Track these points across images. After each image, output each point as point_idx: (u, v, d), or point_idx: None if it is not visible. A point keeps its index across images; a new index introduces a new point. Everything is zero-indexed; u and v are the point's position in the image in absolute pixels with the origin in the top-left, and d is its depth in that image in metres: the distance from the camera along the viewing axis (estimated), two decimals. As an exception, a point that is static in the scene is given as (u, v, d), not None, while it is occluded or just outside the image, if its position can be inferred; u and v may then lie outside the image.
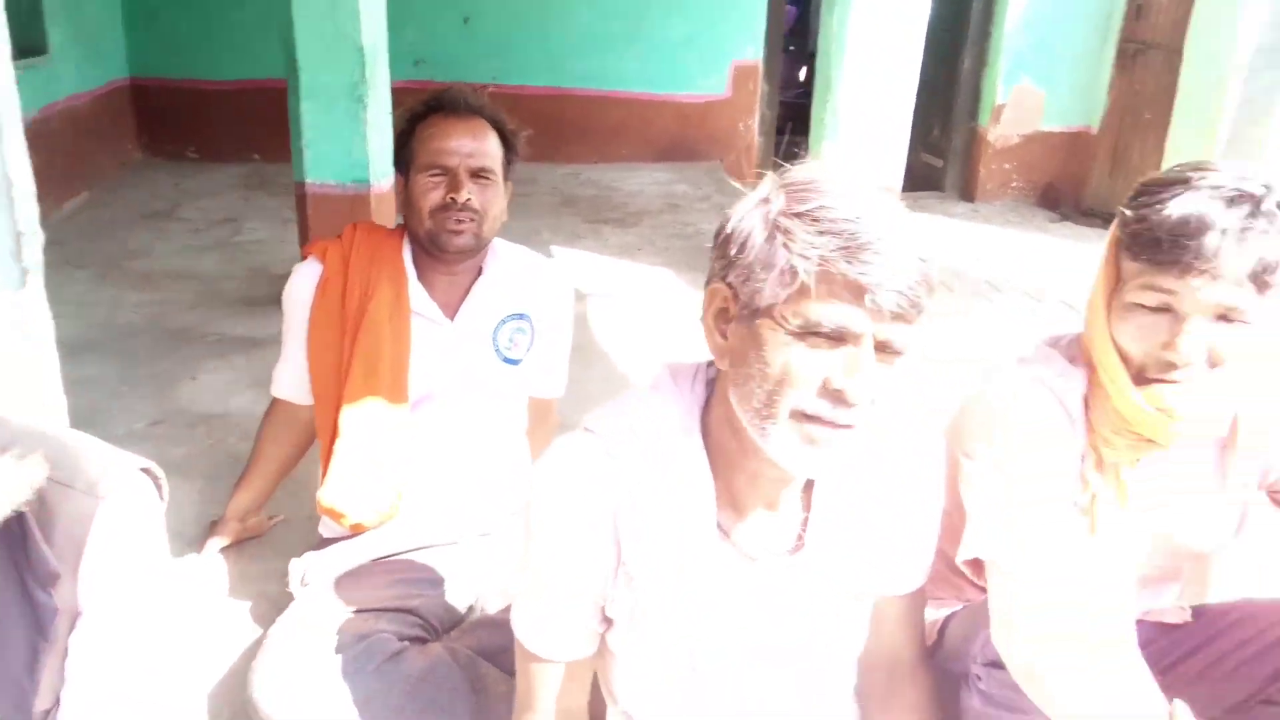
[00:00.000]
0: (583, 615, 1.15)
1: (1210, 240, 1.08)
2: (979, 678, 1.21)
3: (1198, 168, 1.15)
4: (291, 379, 1.92)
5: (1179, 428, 1.20)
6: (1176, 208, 1.11)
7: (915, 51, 3.85)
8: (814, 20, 8.63)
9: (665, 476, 1.08)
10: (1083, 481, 1.29)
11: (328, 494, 1.75)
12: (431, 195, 1.74)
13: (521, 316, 1.89)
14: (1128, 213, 1.18)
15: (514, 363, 1.88)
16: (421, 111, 1.79)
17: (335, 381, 1.79)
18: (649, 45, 6.99)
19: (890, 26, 3.67)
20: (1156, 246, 1.13)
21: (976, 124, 7.28)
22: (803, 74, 8.80)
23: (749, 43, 7.15)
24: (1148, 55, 6.11)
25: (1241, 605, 1.41)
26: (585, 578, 1.12)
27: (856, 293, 0.93)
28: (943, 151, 7.64)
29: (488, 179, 1.77)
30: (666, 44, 7.01)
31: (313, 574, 1.77)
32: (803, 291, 0.94)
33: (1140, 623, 1.46)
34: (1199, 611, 1.45)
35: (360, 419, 1.75)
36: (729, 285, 1.00)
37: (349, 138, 3.34)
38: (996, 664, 1.19)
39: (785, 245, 0.95)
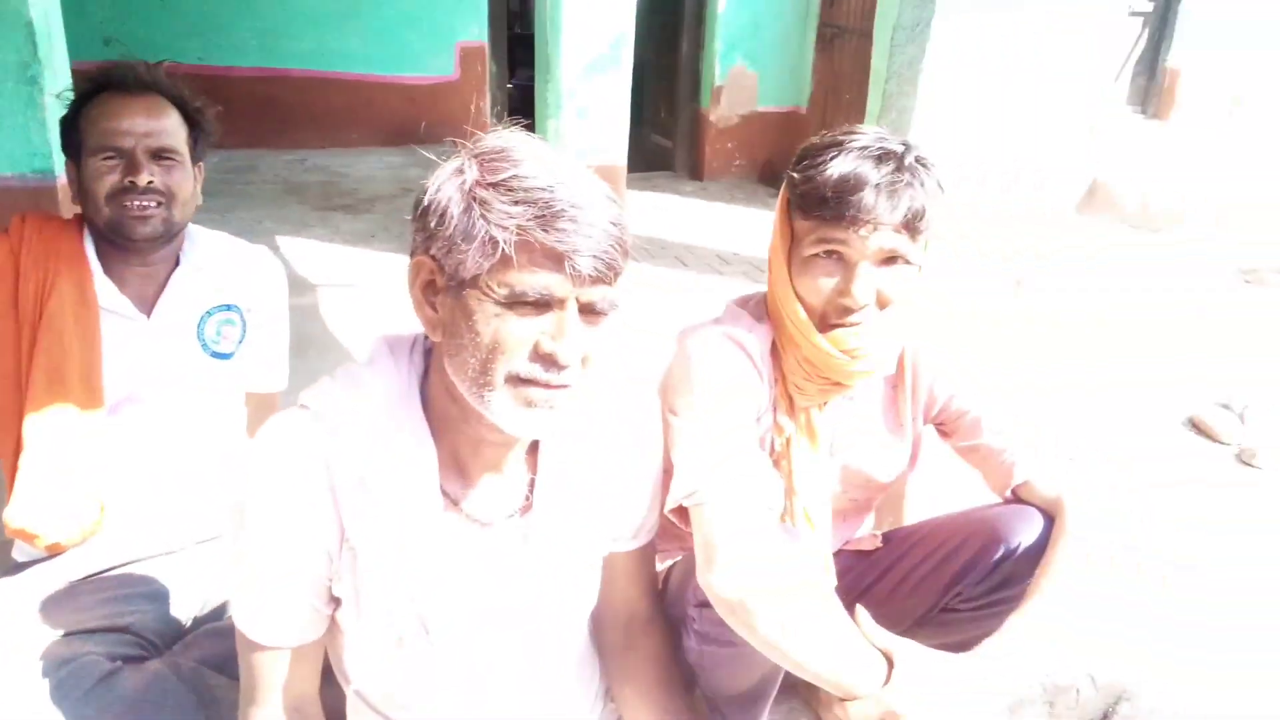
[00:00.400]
0: (306, 597, 1.13)
1: (867, 195, 1.23)
2: (694, 619, 1.30)
3: (846, 132, 1.30)
4: None
5: (859, 367, 1.35)
6: (835, 168, 1.25)
7: (627, 30, 3.99)
8: (538, 2, 8.69)
9: (386, 449, 1.08)
10: (776, 427, 1.42)
11: (15, 513, 1.57)
12: (107, 179, 1.59)
13: (229, 308, 1.79)
14: (795, 176, 1.31)
15: (224, 357, 1.78)
16: (88, 90, 1.63)
17: (14, 388, 1.62)
18: (368, 24, 6.79)
19: (602, 6, 3.78)
20: (824, 203, 1.26)
21: (698, 105, 7.61)
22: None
23: (473, 24, 7.10)
24: (843, 39, 6.64)
25: (923, 526, 1.59)
26: (304, 559, 1.10)
27: (556, 259, 0.97)
28: (670, 132, 7.94)
29: (172, 159, 1.64)
30: (387, 23, 6.82)
31: (7, 602, 1.61)
32: (505, 261, 0.97)
33: (840, 553, 1.63)
34: (889, 537, 1.63)
35: (47, 427, 1.59)
36: (433, 258, 1.01)
37: (24, 124, 2.99)
38: (706, 604, 1.29)
39: (483, 216, 0.97)
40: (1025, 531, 1.36)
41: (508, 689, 1.24)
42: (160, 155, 1.63)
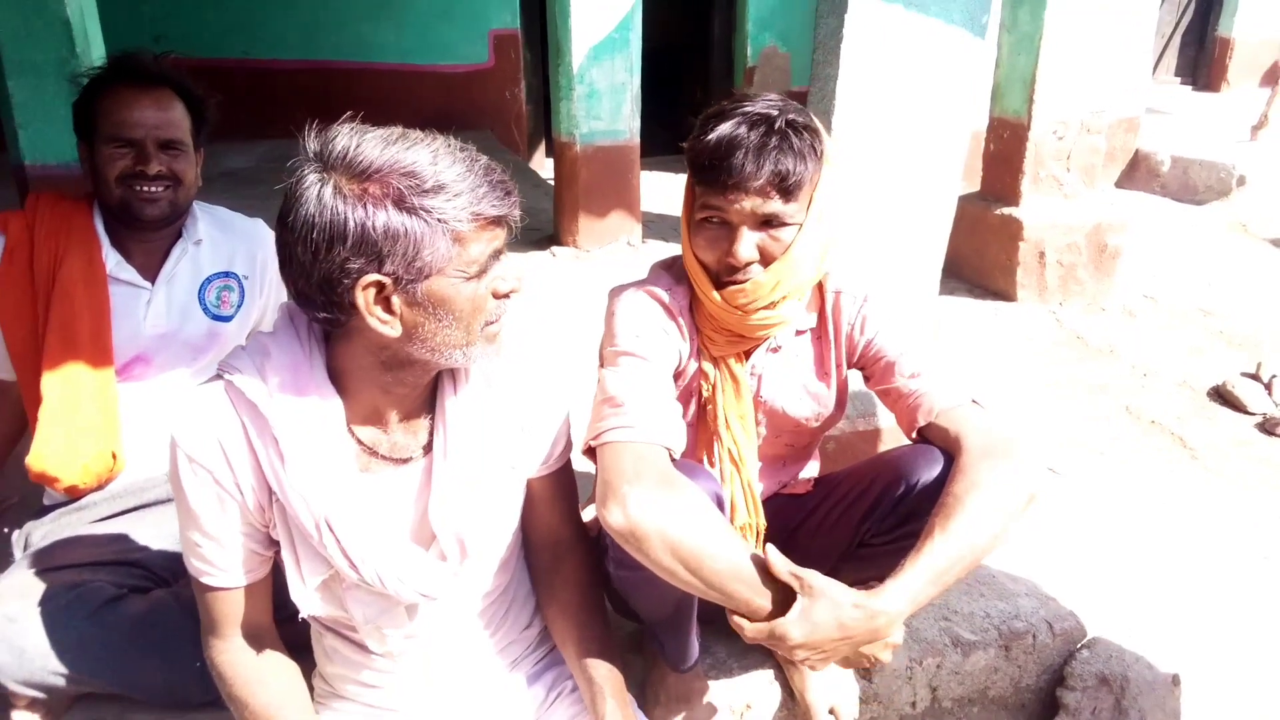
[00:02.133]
0: (246, 545, 1.27)
1: (737, 159, 1.33)
2: (609, 546, 1.41)
3: (738, 99, 1.40)
4: None
5: (761, 320, 1.45)
6: (713, 134, 1.35)
7: (634, 12, 4.08)
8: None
9: (296, 407, 1.19)
10: (703, 374, 1.53)
11: (36, 458, 1.74)
12: (118, 165, 1.76)
13: (228, 275, 1.95)
14: (685, 143, 1.42)
15: (225, 319, 1.94)
16: (101, 78, 1.78)
17: (33, 352, 1.79)
18: (404, 15, 6.95)
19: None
20: (704, 169, 1.37)
21: (732, 86, 7.63)
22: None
23: (506, 11, 7.22)
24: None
25: (846, 469, 1.69)
26: (236, 514, 1.24)
27: (498, 220, 1.13)
28: (705, 113, 7.96)
29: (177, 149, 1.80)
30: (421, 14, 6.98)
31: (34, 538, 1.79)
32: (463, 243, 1.11)
33: (776, 496, 1.73)
34: (820, 481, 1.73)
35: (62, 384, 1.76)
36: (388, 274, 1.10)
37: (65, 117, 3.20)
38: None
39: (439, 220, 1.08)
40: (925, 469, 1.44)
41: (445, 609, 1.37)
42: (167, 146, 1.79)
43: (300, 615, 1.30)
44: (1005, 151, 4.76)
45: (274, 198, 1.14)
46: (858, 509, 1.55)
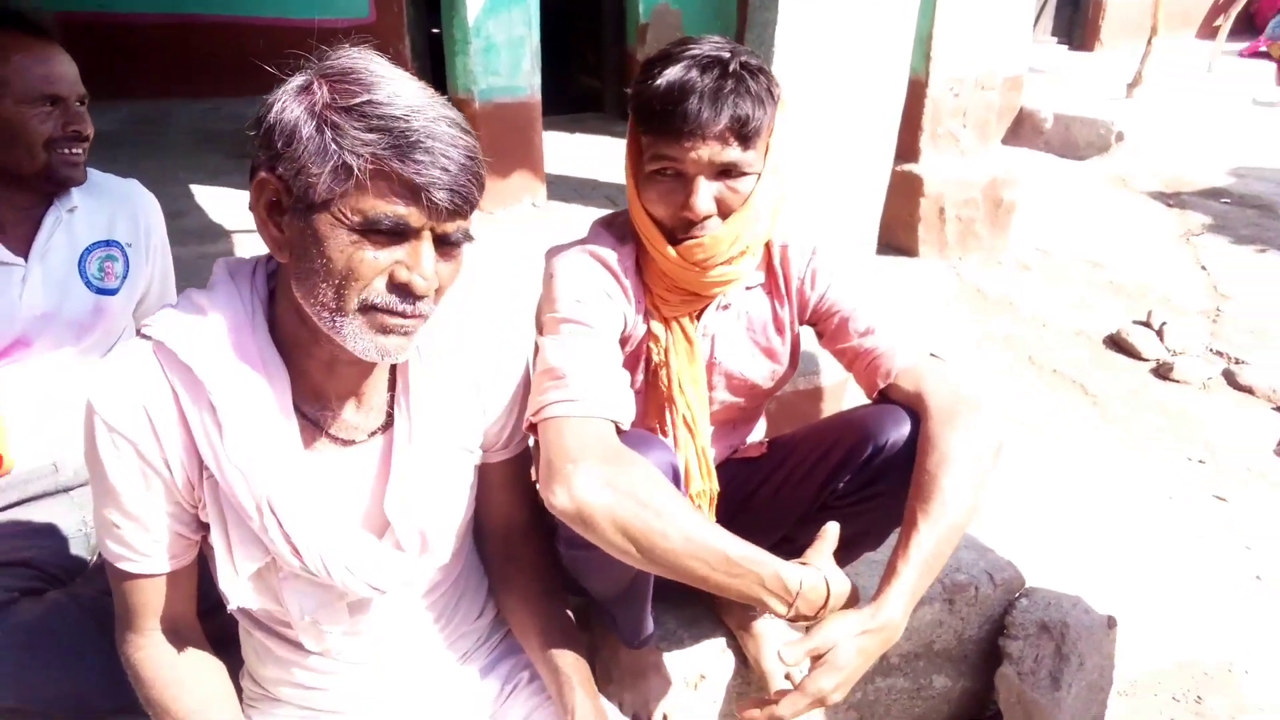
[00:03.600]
0: (170, 527, 1.13)
1: (691, 104, 1.23)
2: (557, 526, 1.32)
3: (683, 42, 1.30)
4: None
5: (719, 276, 1.37)
6: (663, 79, 1.25)
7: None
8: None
9: (235, 375, 1.06)
10: (652, 337, 1.44)
11: None
12: (45, 126, 1.59)
13: (110, 243, 1.75)
14: (630, 90, 1.31)
15: (110, 292, 1.75)
16: None
17: None
18: (278, -34, 6.56)
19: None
20: (654, 117, 1.27)
21: (625, 44, 7.52)
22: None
23: (388, -37, 6.91)
24: (765, -28, 6.58)
25: (802, 431, 1.63)
26: (161, 492, 1.10)
27: (413, 191, 0.96)
28: (599, 73, 7.86)
29: (85, 105, 1.66)
30: (297, -36, 6.60)
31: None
32: (359, 188, 0.95)
33: (729, 460, 1.67)
34: (774, 444, 1.66)
35: None
36: (279, 177, 0.98)
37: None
38: None
39: (336, 140, 0.95)
40: (892, 430, 1.39)
41: (391, 602, 1.26)
42: (81, 101, 1.65)
43: (229, 608, 1.17)
44: (905, 109, 4.79)
45: (146, 160, 1.01)
46: (820, 470, 1.50)
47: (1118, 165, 6.26)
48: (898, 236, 4.87)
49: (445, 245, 1.03)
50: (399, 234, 0.99)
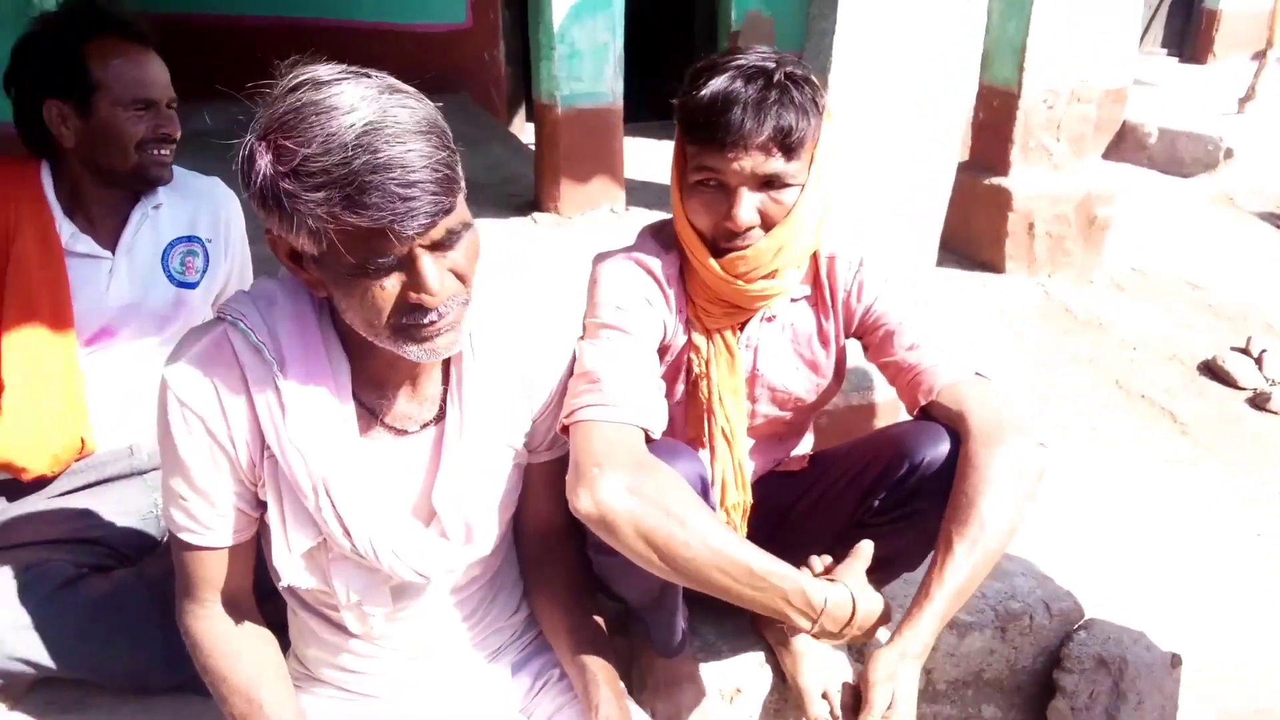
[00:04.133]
0: (232, 502, 1.18)
1: (735, 115, 1.23)
2: (587, 532, 1.32)
3: (729, 53, 1.30)
4: None
5: (761, 289, 1.37)
6: (707, 89, 1.25)
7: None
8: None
9: (303, 361, 1.12)
10: (694, 348, 1.45)
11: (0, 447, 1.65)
12: (140, 128, 1.69)
13: (191, 239, 1.84)
14: (676, 100, 1.32)
15: (190, 286, 1.84)
16: (85, 28, 1.65)
17: None
18: (381, -28, 6.75)
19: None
20: (697, 127, 1.27)
21: (715, 49, 7.48)
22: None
23: (486, -31, 7.04)
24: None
25: (844, 446, 1.61)
26: (226, 467, 1.15)
27: (378, 232, 0.96)
28: (688, 79, 7.84)
29: (173, 109, 1.75)
30: (399, -29, 6.78)
31: (-10, 516, 1.70)
32: (334, 245, 0.97)
33: (770, 474, 1.66)
34: (815, 459, 1.65)
35: (25, 369, 1.66)
36: (282, 236, 1.02)
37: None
38: None
39: (295, 210, 0.96)
40: (930, 448, 1.37)
41: (432, 592, 1.30)
42: (171, 105, 1.74)
43: (282, 585, 1.22)
44: (994, 120, 4.69)
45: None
46: (857, 487, 1.48)
47: (1225, 183, 5.99)
48: (983, 252, 4.76)
49: (443, 246, 1.03)
50: (391, 265, 1.01)
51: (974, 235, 4.79)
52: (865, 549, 1.31)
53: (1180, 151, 6.56)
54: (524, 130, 7.36)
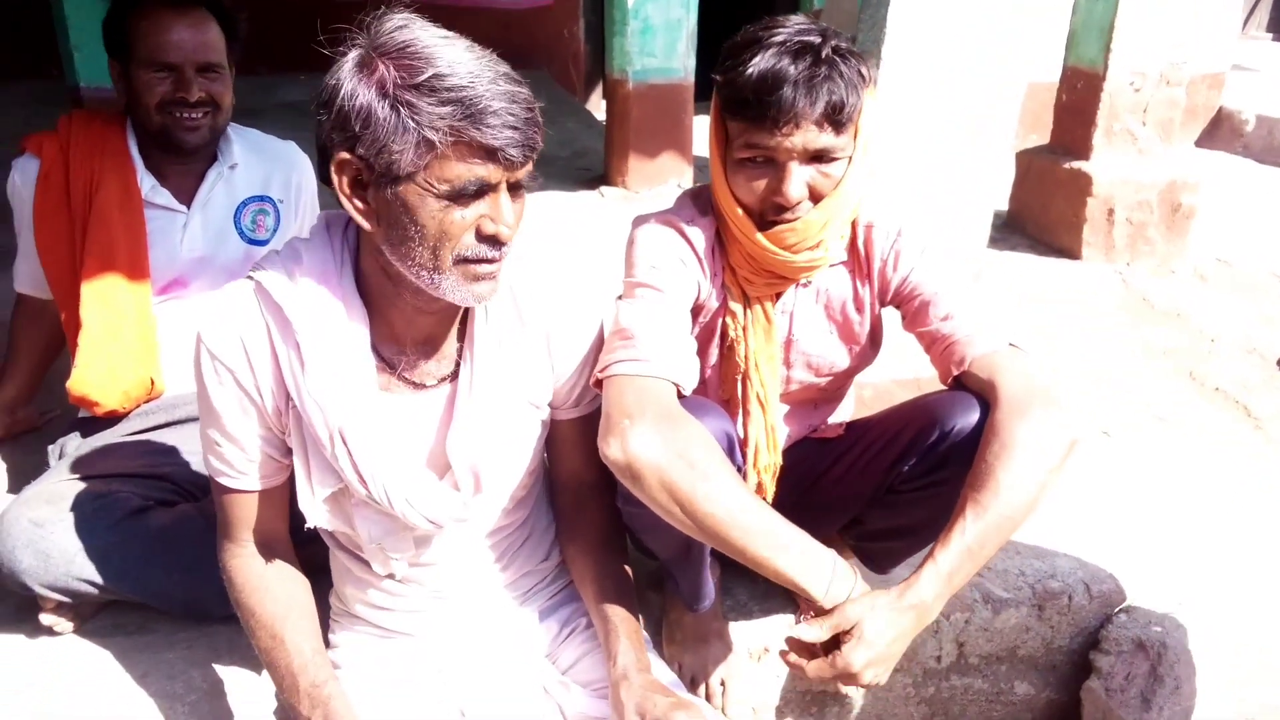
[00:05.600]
0: (263, 450, 1.26)
1: (786, 93, 1.25)
2: (618, 483, 1.36)
3: (768, 25, 1.31)
4: (30, 273, 1.93)
5: (808, 260, 1.39)
6: (754, 67, 1.27)
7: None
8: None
9: (323, 317, 1.18)
10: (730, 313, 1.47)
11: (77, 382, 1.77)
12: (158, 91, 1.74)
13: (263, 199, 1.94)
14: (719, 78, 1.34)
15: (260, 243, 1.93)
16: None
17: (70, 275, 1.80)
18: (467, -50, 6.83)
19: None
20: (746, 105, 1.29)
21: (797, 30, 7.39)
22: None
23: (568, -53, 7.08)
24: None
25: (878, 414, 1.62)
26: (253, 418, 1.23)
27: (489, 151, 1.05)
28: (767, 58, 7.77)
29: (216, 72, 1.79)
30: (485, -51, 6.87)
31: (68, 449, 1.82)
32: (442, 157, 1.04)
33: (806, 439, 1.68)
34: (851, 425, 1.67)
35: (102, 310, 1.77)
36: (360, 157, 1.07)
37: (119, 38, 3.22)
38: None
39: (413, 118, 1.02)
40: (960, 416, 1.37)
41: (456, 537, 1.35)
42: (205, 69, 1.77)
43: (307, 526, 1.29)
44: (1078, 103, 4.55)
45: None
46: (888, 454, 1.50)
47: (1325, 174, 5.71)
48: (1060, 237, 4.64)
49: (516, 189, 1.12)
50: (481, 192, 1.08)
51: (1051, 220, 4.68)
52: None
53: (1278, 140, 6.27)
54: (600, 106, 7.40)
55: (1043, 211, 4.73)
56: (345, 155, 1.08)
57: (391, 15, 1.09)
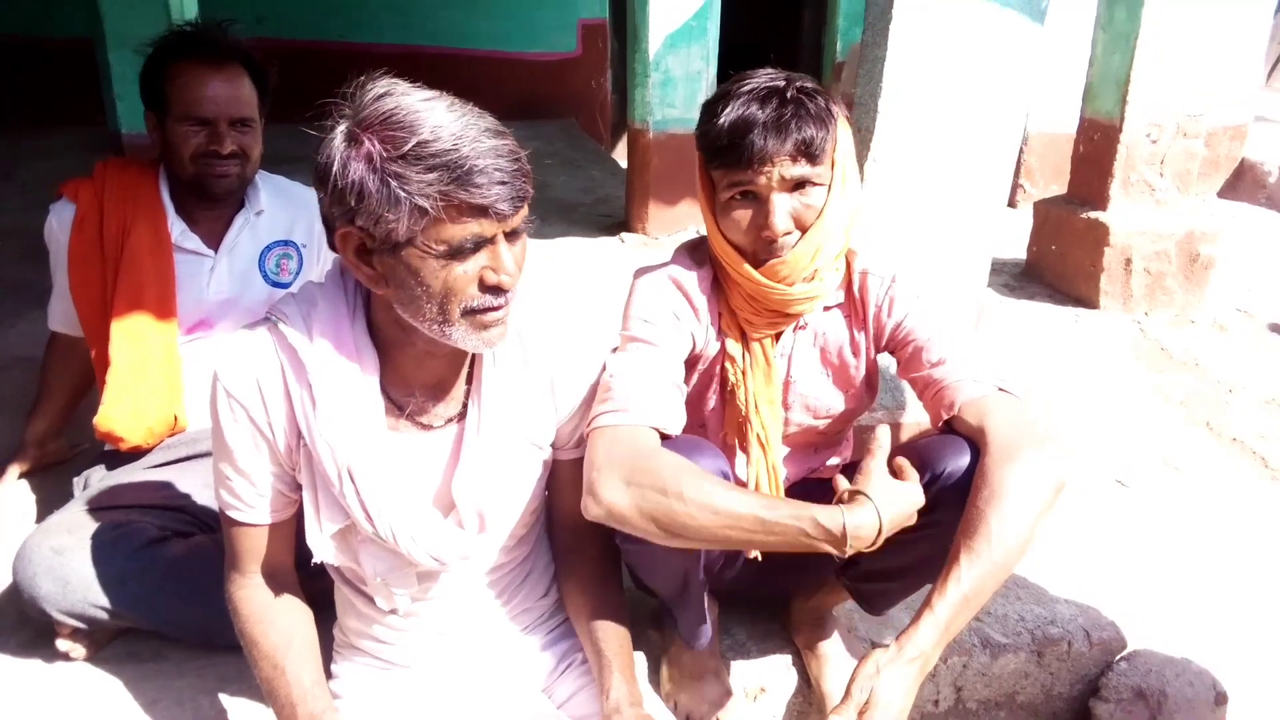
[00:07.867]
0: (274, 486, 1.31)
1: (755, 137, 1.32)
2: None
3: (738, 79, 1.40)
4: (64, 313, 2.02)
5: (804, 293, 1.44)
6: (725, 117, 1.35)
7: (712, 1, 4.06)
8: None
9: (335, 359, 1.23)
10: (728, 358, 1.53)
11: (104, 419, 1.84)
12: (192, 143, 1.83)
13: (287, 243, 2.02)
14: (697, 132, 1.42)
15: (283, 285, 2.01)
16: (171, 49, 1.84)
17: (101, 316, 1.88)
18: (496, 3, 7.04)
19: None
20: (722, 152, 1.37)
21: (821, 82, 7.49)
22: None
23: (595, 1, 7.26)
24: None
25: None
26: (264, 454, 1.28)
27: (480, 209, 1.10)
28: (791, 108, 7.87)
29: (247, 127, 1.88)
30: (514, 2, 7.06)
31: (93, 481, 1.90)
32: (436, 222, 1.09)
33: (804, 480, 1.72)
34: (848, 467, 1.70)
35: (130, 350, 1.85)
36: (360, 228, 1.13)
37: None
38: None
39: (403, 189, 1.07)
40: (951, 460, 1.39)
41: (458, 574, 1.40)
42: (237, 123, 1.86)
43: (313, 561, 1.34)
44: (1094, 153, 4.59)
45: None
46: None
47: (1349, 225, 5.68)
48: (1077, 286, 4.65)
49: (514, 235, 1.17)
50: (479, 246, 1.13)
51: (1069, 269, 4.70)
52: (883, 438, 1.35)
53: (1303, 191, 6.26)
54: (625, 155, 7.55)
55: (1060, 261, 4.75)
56: (347, 228, 1.14)
57: (373, 83, 1.12)
